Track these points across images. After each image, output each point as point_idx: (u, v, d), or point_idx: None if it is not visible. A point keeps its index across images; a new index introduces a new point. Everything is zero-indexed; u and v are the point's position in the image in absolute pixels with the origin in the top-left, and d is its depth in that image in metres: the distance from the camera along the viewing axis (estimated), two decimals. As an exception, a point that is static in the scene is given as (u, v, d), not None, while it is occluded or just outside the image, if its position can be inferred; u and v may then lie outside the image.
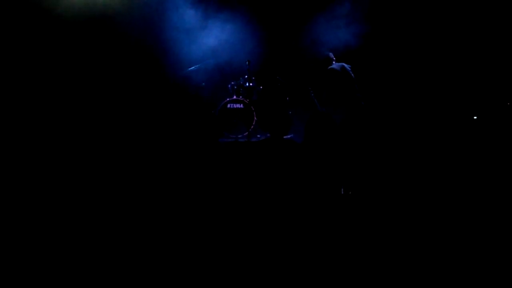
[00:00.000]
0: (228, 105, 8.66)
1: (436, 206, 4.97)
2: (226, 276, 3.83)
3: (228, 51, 8.86)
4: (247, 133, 8.54)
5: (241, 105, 8.66)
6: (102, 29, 8.12)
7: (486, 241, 4.30)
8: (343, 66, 7.76)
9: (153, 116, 8.24)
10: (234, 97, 8.72)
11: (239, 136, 8.57)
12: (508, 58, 8.20)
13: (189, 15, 8.57)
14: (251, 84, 8.86)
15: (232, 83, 8.89)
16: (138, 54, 8.53)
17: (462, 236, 4.41)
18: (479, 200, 5.11)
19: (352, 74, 7.73)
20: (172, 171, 5.54)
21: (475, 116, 7.94)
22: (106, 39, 8.21)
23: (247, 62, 8.81)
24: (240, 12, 8.76)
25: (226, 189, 4.63)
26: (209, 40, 8.64)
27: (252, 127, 8.58)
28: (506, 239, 4.33)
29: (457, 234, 4.44)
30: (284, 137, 8.48)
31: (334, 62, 7.86)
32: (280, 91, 8.92)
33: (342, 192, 4.62)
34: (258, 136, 8.67)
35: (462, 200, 5.12)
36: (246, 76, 8.89)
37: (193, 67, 8.73)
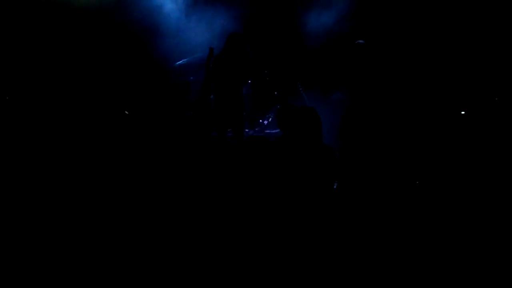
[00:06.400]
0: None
1: (423, 200, 4.98)
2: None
3: (216, 44, 8.81)
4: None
5: (230, 99, 8.58)
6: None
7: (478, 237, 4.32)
8: None
9: (141, 110, 8.17)
10: (223, 91, 8.65)
11: (228, 130, 8.52)
12: (496, 54, 8.27)
13: (177, 8, 8.51)
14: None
15: (221, 77, 8.82)
16: (124, 47, 8.45)
17: (453, 231, 4.43)
18: (469, 195, 5.13)
19: None
20: (162, 166, 5.49)
21: (462, 111, 8.00)
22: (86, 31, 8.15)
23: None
24: (229, 5, 8.72)
25: (219, 184, 4.59)
26: (197, 33, 8.59)
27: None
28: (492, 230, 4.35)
29: (446, 227, 4.45)
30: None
31: None
32: (269, 85, 8.89)
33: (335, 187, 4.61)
34: (247, 130, 8.63)
35: (449, 193, 5.14)
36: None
37: (181, 61, 8.66)
